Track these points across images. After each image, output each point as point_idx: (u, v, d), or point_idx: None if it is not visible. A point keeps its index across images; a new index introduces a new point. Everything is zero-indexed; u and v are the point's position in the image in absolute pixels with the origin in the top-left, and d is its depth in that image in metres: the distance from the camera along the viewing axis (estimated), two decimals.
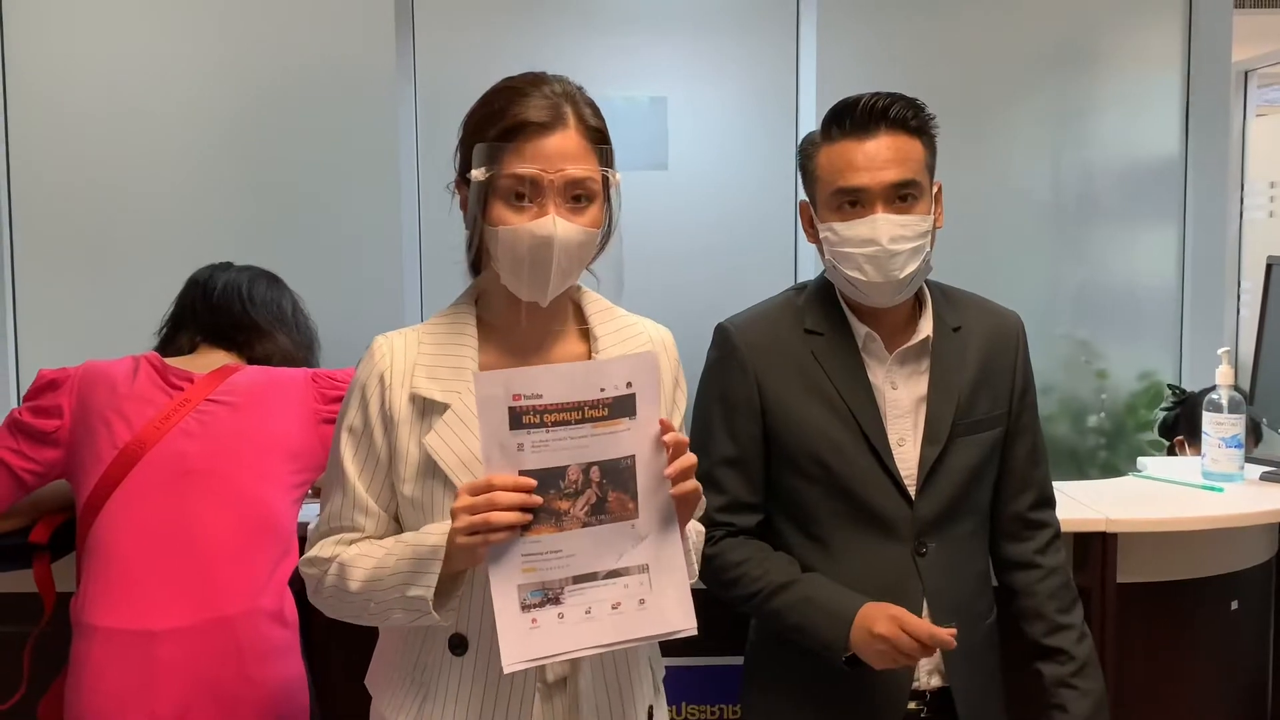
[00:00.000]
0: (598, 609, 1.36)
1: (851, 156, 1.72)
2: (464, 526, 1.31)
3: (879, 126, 1.72)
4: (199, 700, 1.85)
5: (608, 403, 1.34)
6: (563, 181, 1.43)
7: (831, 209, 1.75)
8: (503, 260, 1.46)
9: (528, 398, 1.32)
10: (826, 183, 1.75)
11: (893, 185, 1.71)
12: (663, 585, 1.38)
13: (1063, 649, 1.82)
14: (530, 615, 1.34)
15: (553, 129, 1.44)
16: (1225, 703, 2.41)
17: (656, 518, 1.38)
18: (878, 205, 1.71)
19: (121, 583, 1.88)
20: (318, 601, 1.52)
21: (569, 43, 3.35)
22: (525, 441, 1.32)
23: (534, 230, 1.42)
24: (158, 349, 2.13)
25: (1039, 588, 1.84)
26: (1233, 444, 2.45)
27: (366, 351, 1.51)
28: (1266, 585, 2.50)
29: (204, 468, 1.92)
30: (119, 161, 3.27)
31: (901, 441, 1.78)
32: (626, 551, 1.37)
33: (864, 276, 1.72)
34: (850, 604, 1.69)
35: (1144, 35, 3.57)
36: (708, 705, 2.21)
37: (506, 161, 1.43)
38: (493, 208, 1.44)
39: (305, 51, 3.30)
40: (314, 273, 3.23)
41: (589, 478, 1.34)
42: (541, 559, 1.34)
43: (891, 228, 1.70)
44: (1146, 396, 3.54)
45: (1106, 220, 3.58)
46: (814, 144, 1.79)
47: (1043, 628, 1.83)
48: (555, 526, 1.34)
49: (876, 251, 1.71)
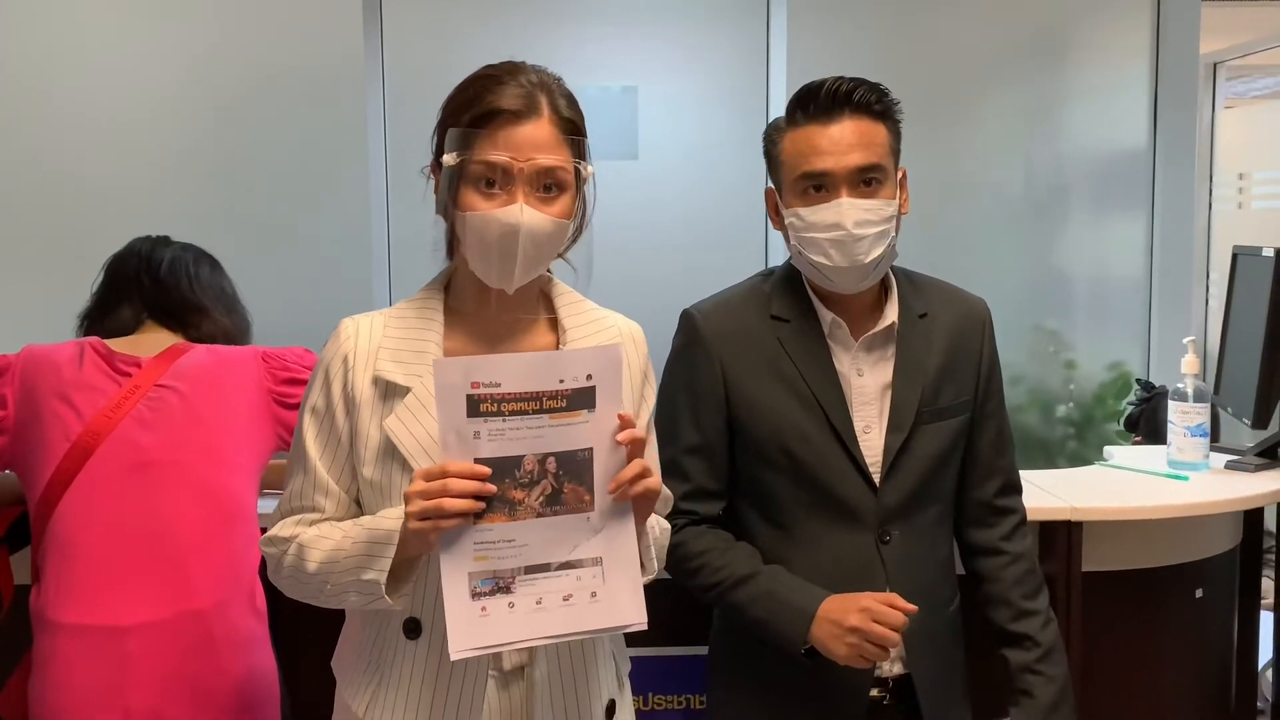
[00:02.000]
0: (549, 600, 1.35)
1: (815, 141, 1.72)
2: (416, 511, 1.31)
3: (843, 111, 1.72)
4: (172, 694, 1.84)
5: (566, 394, 1.33)
6: (533, 170, 1.43)
7: (796, 194, 1.74)
8: (471, 246, 1.46)
9: (486, 385, 1.31)
10: (791, 167, 1.74)
11: (857, 169, 1.71)
12: (616, 579, 1.37)
13: (1028, 635, 1.82)
14: (480, 604, 1.33)
15: (525, 118, 1.43)
16: (1190, 690, 2.43)
17: (612, 511, 1.37)
18: (842, 190, 1.71)
19: (87, 579, 1.86)
20: (277, 581, 1.52)
21: (539, 33, 3.34)
22: (482, 429, 1.31)
23: (501, 218, 1.42)
24: (91, 313, 2.09)
25: (1004, 574, 1.85)
26: (1198, 433, 2.46)
27: (333, 333, 1.51)
28: (1231, 573, 2.52)
29: (163, 459, 1.90)
30: (85, 157, 3.25)
31: (867, 429, 1.78)
32: (580, 544, 1.36)
33: (829, 261, 1.72)
34: (811, 599, 1.69)
35: (1113, 28, 3.59)
36: (674, 695, 2.21)
37: (478, 148, 1.43)
38: (463, 193, 1.44)
39: (274, 44, 3.29)
40: (283, 266, 3.25)
41: (545, 468, 1.34)
42: (493, 548, 1.33)
43: (856, 212, 1.70)
44: (1115, 387, 3.57)
45: (1076, 211, 3.61)
46: (778, 130, 1.78)
47: (1008, 613, 1.83)
48: (508, 516, 1.33)
49: (841, 236, 1.70)
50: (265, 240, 3.25)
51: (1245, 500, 2.36)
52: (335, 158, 3.30)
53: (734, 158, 3.37)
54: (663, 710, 2.21)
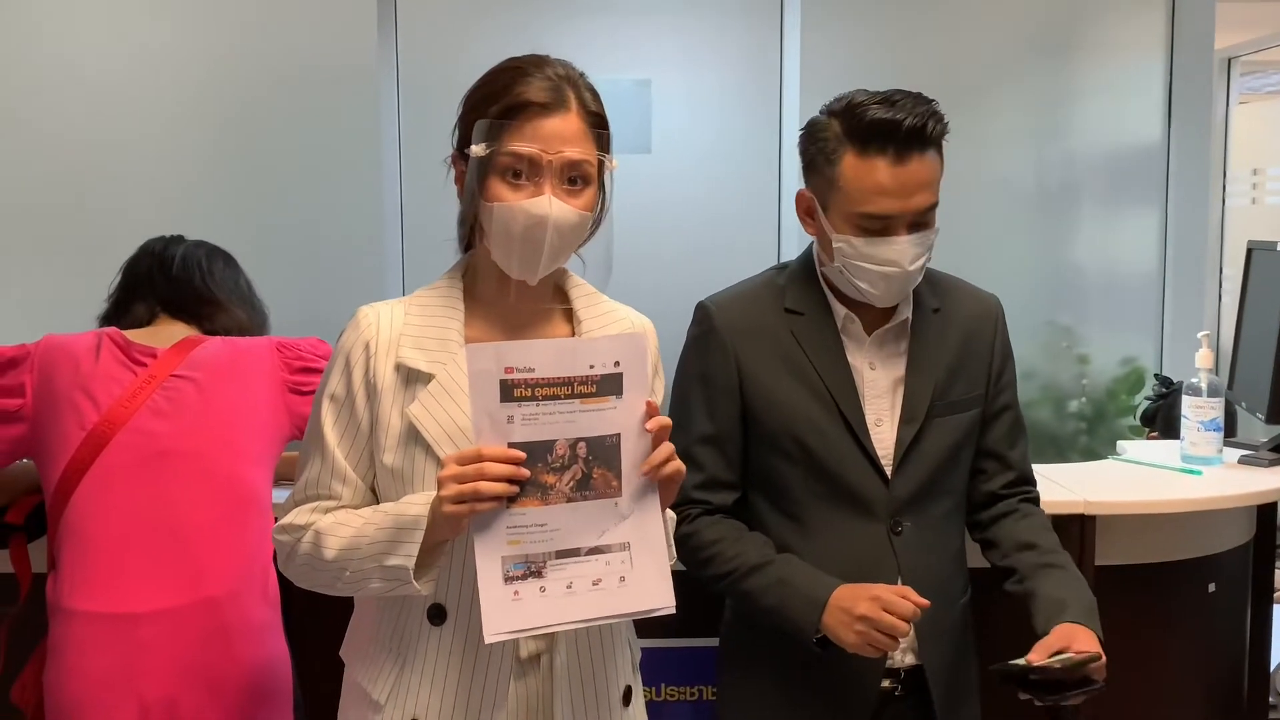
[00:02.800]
0: (579, 584, 1.36)
1: (883, 181, 1.66)
2: (452, 495, 1.31)
3: (914, 148, 1.67)
4: (186, 682, 1.85)
5: (596, 380, 1.35)
6: (560, 163, 1.43)
7: (851, 224, 1.71)
8: (496, 237, 1.46)
9: (519, 371, 1.32)
10: (851, 199, 1.69)
11: (920, 211, 1.69)
12: (644, 563, 1.38)
13: (1037, 544, 1.80)
14: (513, 587, 1.34)
15: (554, 110, 1.44)
16: (1202, 684, 2.43)
17: (639, 496, 1.38)
18: (902, 229, 1.69)
19: (102, 567, 1.87)
20: (288, 569, 1.52)
21: (552, 25, 3.34)
22: (515, 414, 1.32)
23: (529, 209, 1.43)
24: (109, 315, 2.11)
25: (1021, 523, 1.84)
26: (1211, 427, 2.46)
27: (351, 320, 1.51)
28: (1244, 568, 2.52)
29: (178, 448, 1.91)
30: (102, 152, 3.26)
31: (879, 422, 1.79)
32: (609, 529, 1.37)
33: (876, 291, 1.72)
34: (824, 587, 1.70)
35: (1127, 23, 3.58)
36: (685, 686, 2.22)
37: (506, 139, 1.43)
38: (490, 184, 1.44)
39: (289, 40, 3.30)
40: (298, 260, 3.26)
41: (575, 453, 1.34)
42: (526, 532, 1.34)
43: (912, 250, 1.69)
44: (1128, 382, 3.56)
45: (1089, 206, 3.60)
46: (835, 141, 1.70)
47: (1014, 544, 1.81)
48: (540, 500, 1.34)
49: (896, 273, 1.70)
50: (280, 235, 3.26)
51: (1258, 495, 2.36)
52: (350, 153, 3.31)
53: (747, 151, 3.36)
54: (674, 701, 2.22)
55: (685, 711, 2.22)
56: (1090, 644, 1.64)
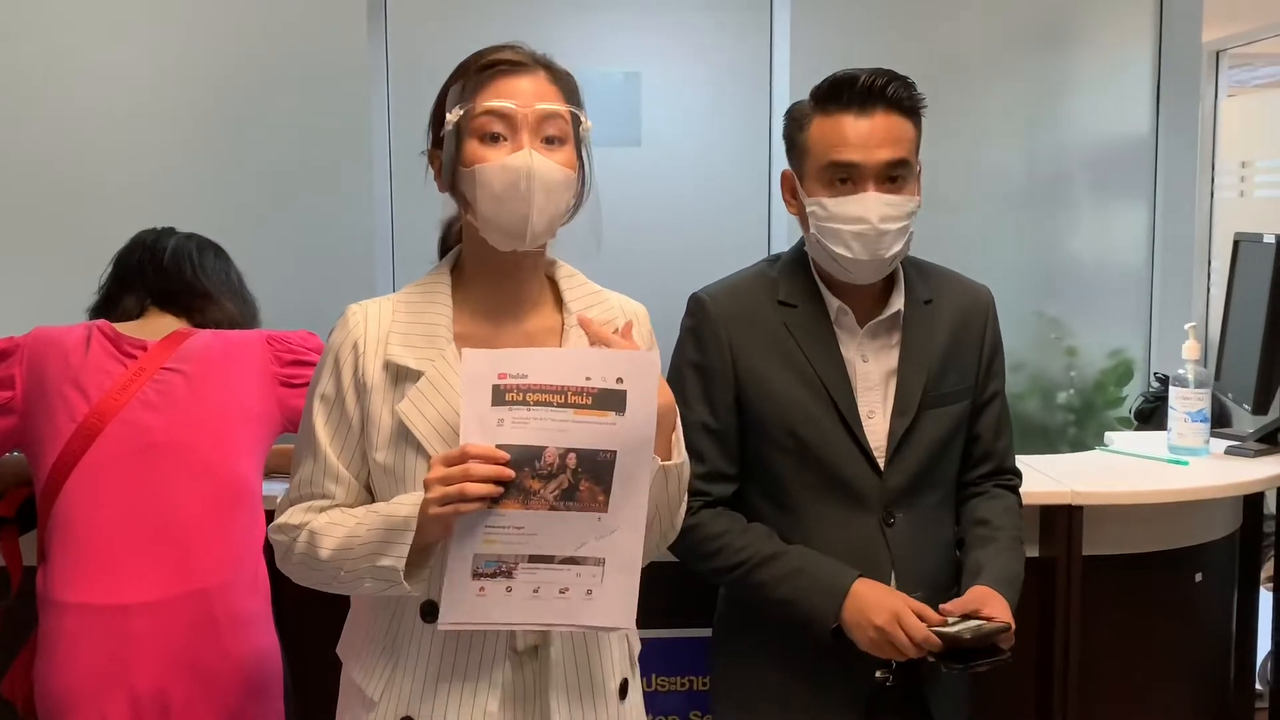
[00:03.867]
0: (545, 590, 1.37)
1: (846, 132, 1.71)
2: (437, 497, 1.32)
3: (876, 104, 1.71)
4: (177, 673, 1.85)
5: (592, 392, 1.34)
6: (536, 117, 1.44)
7: (821, 183, 1.74)
8: (481, 202, 1.43)
9: (513, 376, 1.33)
10: (818, 155, 1.74)
11: (886, 164, 1.71)
12: (614, 582, 1.38)
13: (989, 520, 1.84)
14: (479, 583, 1.35)
15: (524, 71, 1.46)
16: (1189, 674, 2.45)
17: (626, 516, 1.36)
18: (869, 184, 1.71)
19: (92, 558, 1.87)
20: (286, 568, 1.52)
21: (542, 19, 3.34)
22: (506, 417, 1.33)
23: (510, 163, 1.42)
24: (99, 307, 2.10)
25: (985, 502, 1.87)
26: (1198, 418, 2.47)
27: (340, 319, 1.51)
28: (1230, 558, 2.54)
29: (168, 440, 1.91)
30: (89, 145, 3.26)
31: (871, 414, 1.79)
32: (588, 542, 1.37)
33: (850, 254, 1.72)
34: (844, 577, 1.71)
35: (1116, 15, 3.59)
36: (677, 677, 2.22)
37: (480, 98, 1.44)
38: (468, 148, 1.44)
39: (279, 34, 3.30)
40: (288, 254, 3.25)
41: (565, 463, 1.34)
42: (503, 532, 1.35)
43: (882, 207, 1.70)
44: (1116, 374, 3.58)
45: (1078, 199, 3.61)
46: (805, 114, 1.77)
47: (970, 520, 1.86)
48: (522, 504, 1.34)
49: (865, 229, 1.71)
50: (272, 229, 3.25)
51: (1245, 485, 2.37)
52: (340, 147, 3.30)
53: (737, 145, 3.36)
54: (666, 692, 2.23)
55: (678, 701, 2.23)
56: (1001, 611, 1.68)
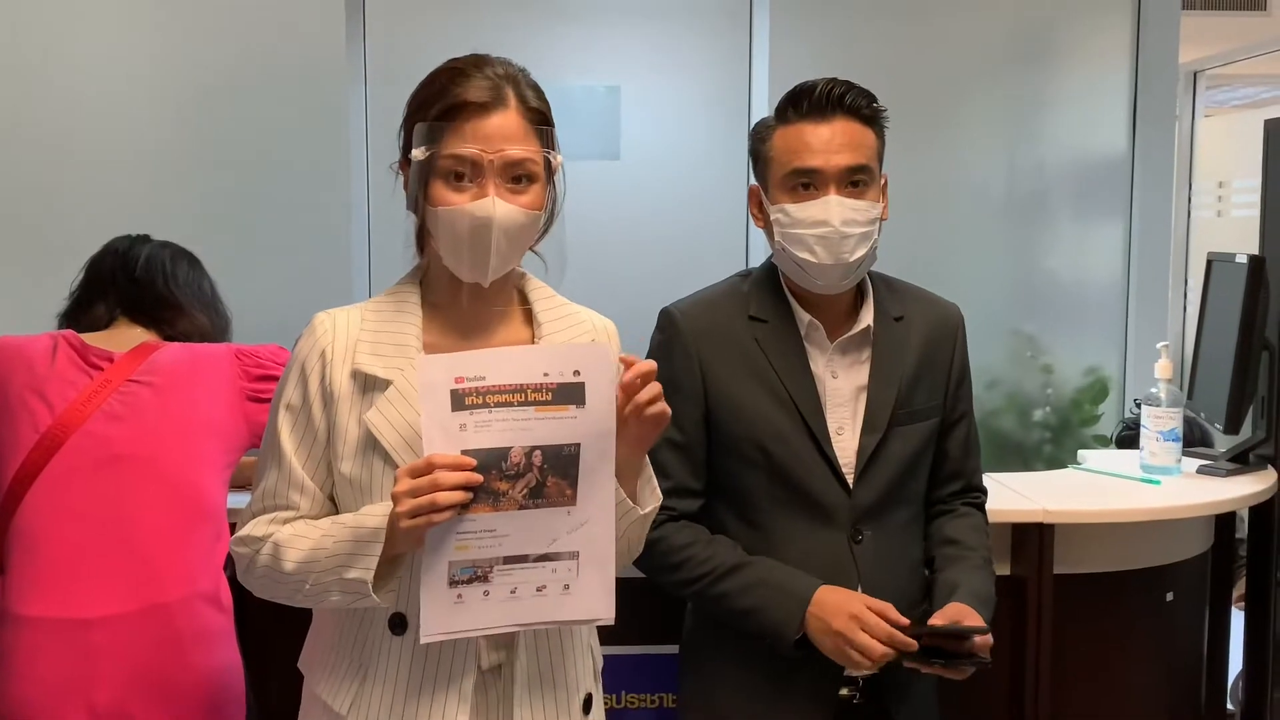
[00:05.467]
0: (523, 590, 1.37)
1: (807, 139, 1.74)
2: (407, 510, 1.30)
3: (835, 112, 1.74)
4: (137, 688, 1.83)
5: (551, 387, 1.34)
6: (502, 162, 1.43)
7: (784, 190, 1.76)
8: (443, 241, 1.45)
9: (470, 379, 1.32)
10: (780, 164, 1.76)
11: (846, 169, 1.73)
12: (590, 574, 1.38)
13: (959, 540, 1.85)
14: (456, 590, 1.34)
15: (492, 109, 1.43)
16: (1160, 693, 2.44)
17: (595, 507, 1.37)
18: (830, 188, 1.73)
19: (52, 571, 1.85)
20: (248, 581, 1.50)
21: (521, 30, 3.33)
22: (467, 421, 1.32)
23: (473, 211, 1.42)
24: (68, 315, 2.09)
25: (953, 521, 1.88)
26: (1170, 437, 2.48)
27: (307, 327, 1.50)
28: (1201, 577, 2.54)
29: (132, 453, 1.89)
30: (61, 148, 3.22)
31: (840, 430, 1.79)
32: (559, 537, 1.37)
33: (814, 258, 1.73)
34: (806, 585, 1.71)
35: (1094, 35, 3.61)
36: (646, 694, 2.21)
37: (446, 142, 1.42)
38: (433, 188, 1.44)
39: (255, 35, 3.27)
40: (262, 260, 3.23)
41: (530, 461, 1.34)
42: (475, 538, 1.34)
43: (844, 210, 1.72)
44: (1091, 392, 3.58)
45: (1054, 216, 3.62)
46: (768, 127, 1.80)
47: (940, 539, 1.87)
48: (492, 507, 1.33)
49: (828, 233, 1.72)
50: (244, 235, 3.22)
51: (1216, 504, 2.38)
52: (316, 151, 3.28)
53: (716, 159, 3.37)
54: (635, 709, 2.21)
55: (646, 718, 2.22)
56: (975, 621, 1.69)
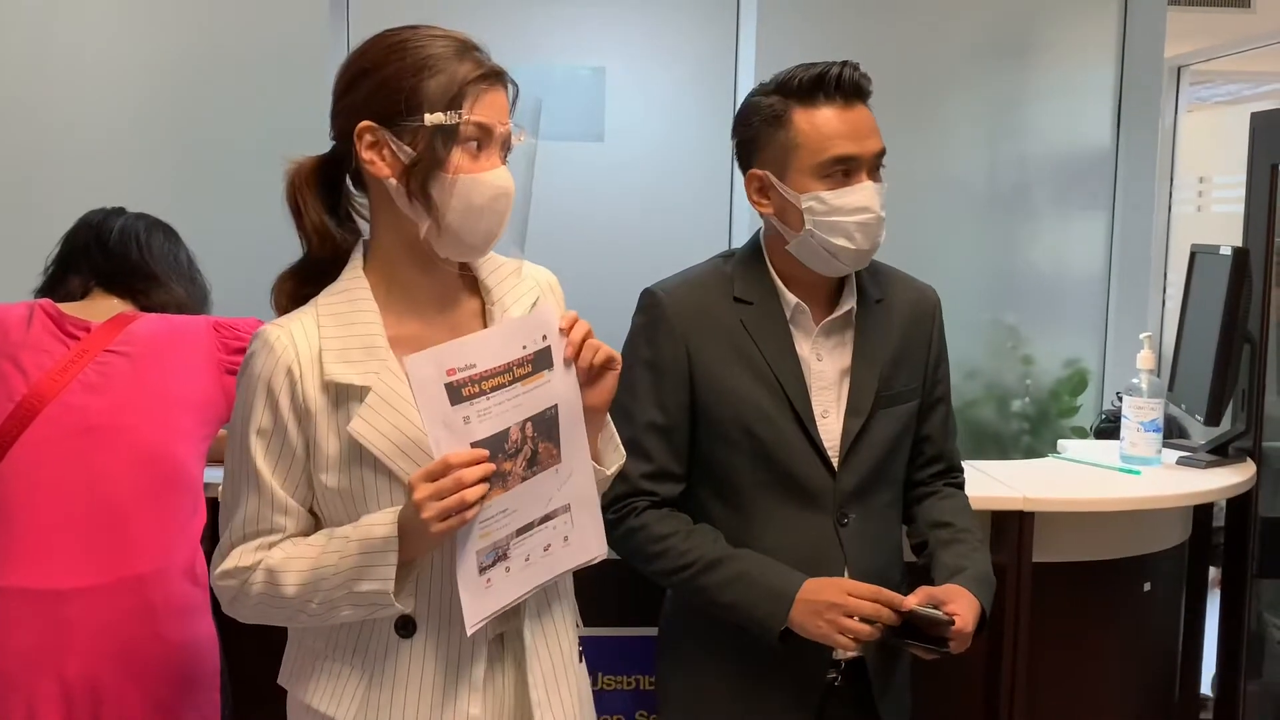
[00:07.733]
0: (534, 555, 1.40)
1: (839, 125, 1.70)
2: (437, 513, 1.28)
3: (855, 96, 1.73)
4: (110, 660, 1.81)
5: (529, 359, 1.35)
6: (505, 135, 1.43)
7: (817, 177, 1.71)
8: (455, 211, 1.38)
9: (461, 370, 1.30)
10: (812, 150, 1.70)
11: (877, 155, 1.73)
12: (581, 519, 1.44)
13: (951, 522, 1.85)
14: (486, 577, 1.36)
15: (500, 82, 1.43)
16: (1136, 682, 2.46)
17: (575, 456, 1.41)
18: (864, 174, 1.71)
19: (26, 541, 1.82)
20: (237, 611, 1.44)
21: (506, 11, 3.31)
22: (470, 414, 1.30)
23: (494, 180, 1.40)
24: (43, 289, 2.06)
25: (940, 503, 1.88)
26: (1151, 428, 2.48)
27: (260, 344, 1.39)
28: (1179, 568, 2.55)
29: (108, 423, 1.86)
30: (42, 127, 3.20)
31: (825, 413, 1.78)
32: (554, 495, 1.40)
33: (852, 245, 1.71)
34: (791, 581, 1.69)
35: (1079, 30, 3.62)
36: (623, 675, 2.20)
37: (473, 108, 1.38)
38: (454, 155, 1.38)
39: (238, 17, 3.25)
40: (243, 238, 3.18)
41: (525, 434, 1.35)
42: (494, 522, 1.34)
43: (879, 196, 1.72)
44: (1071, 383, 3.59)
45: (1037, 209, 3.63)
46: (783, 106, 1.72)
47: (929, 522, 1.86)
48: (502, 488, 1.34)
49: (870, 219, 1.71)
50: (225, 213, 3.20)
51: (1195, 495, 2.39)
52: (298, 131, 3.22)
53: (701, 140, 3.36)
54: (612, 690, 2.20)
55: (624, 700, 2.21)
56: (967, 611, 1.67)
